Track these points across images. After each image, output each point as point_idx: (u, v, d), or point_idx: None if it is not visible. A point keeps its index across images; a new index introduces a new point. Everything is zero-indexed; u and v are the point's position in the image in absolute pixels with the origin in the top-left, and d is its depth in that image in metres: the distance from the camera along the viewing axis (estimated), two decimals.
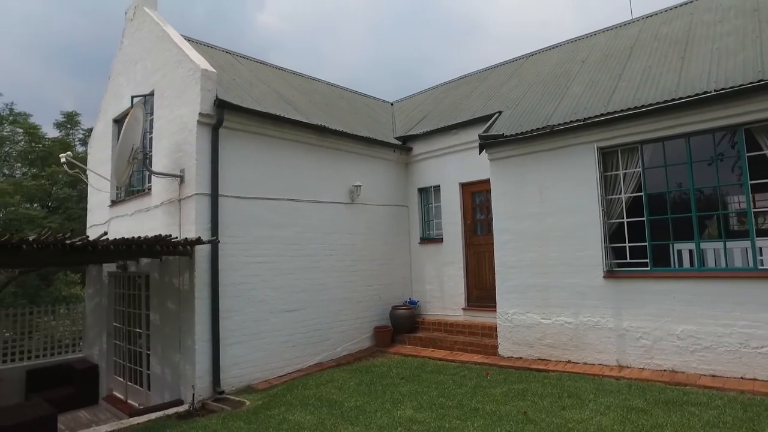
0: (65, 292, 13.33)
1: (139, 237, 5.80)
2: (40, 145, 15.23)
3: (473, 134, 9.01)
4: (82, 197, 14.52)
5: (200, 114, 6.96)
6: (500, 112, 8.97)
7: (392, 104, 13.79)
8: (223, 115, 7.14)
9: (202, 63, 7.27)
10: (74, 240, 5.35)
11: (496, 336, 8.07)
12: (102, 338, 9.73)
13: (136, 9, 9.51)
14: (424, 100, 12.74)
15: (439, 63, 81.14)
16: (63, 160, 7.74)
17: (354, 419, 5.42)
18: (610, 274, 6.91)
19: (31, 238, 5.00)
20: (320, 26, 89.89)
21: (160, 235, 5.97)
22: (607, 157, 7.20)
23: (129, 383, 8.89)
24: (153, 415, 6.42)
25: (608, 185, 7.17)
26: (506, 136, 7.82)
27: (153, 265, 7.78)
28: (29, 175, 14.30)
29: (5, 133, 15.57)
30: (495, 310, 8.17)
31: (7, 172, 15.03)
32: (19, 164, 15.66)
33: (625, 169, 7.07)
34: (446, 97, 12.06)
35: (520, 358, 7.65)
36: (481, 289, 9.23)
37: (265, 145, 7.87)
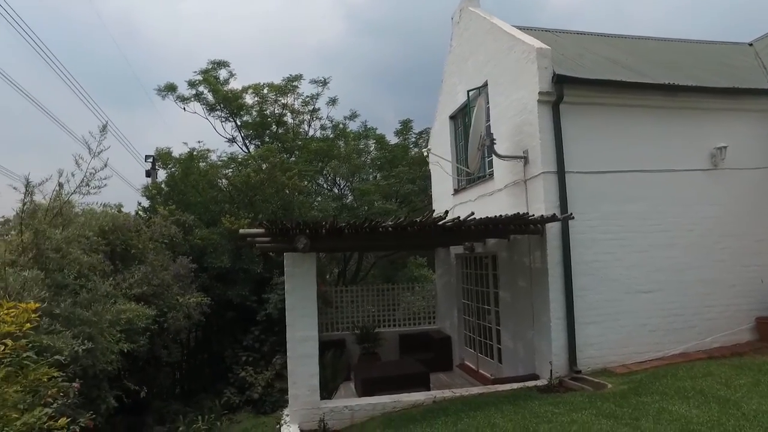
0: (416, 273, 15.65)
1: (499, 216, 6.18)
2: (386, 152, 18.21)
3: None
4: (421, 191, 16.68)
5: (540, 93, 6.99)
6: None
7: (751, 45, 11.16)
8: (562, 91, 6.99)
9: (536, 43, 7.29)
10: (447, 221, 6.06)
11: None
12: (452, 313, 10.91)
13: (462, 12, 10.27)
14: None
15: None
16: (425, 153, 9.00)
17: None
18: None
19: (418, 220, 5.88)
20: None
21: (518, 213, 6.23)
22: None
23: (480, 355, 9.69)
24: (514, 385, 6.78)
25: None
26: None
27: (500, 245, 8.24)
28: (381, 177, 17.25)
29: (360, 146, 19.13)
30: None
31: (365, 177, 18.44)
32: (370, 170, 19.07)
33: None
34: None
35: None
36: None
37: (607, 116, 7.38)
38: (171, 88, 17.81)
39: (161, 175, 14.30)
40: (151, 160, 14.97)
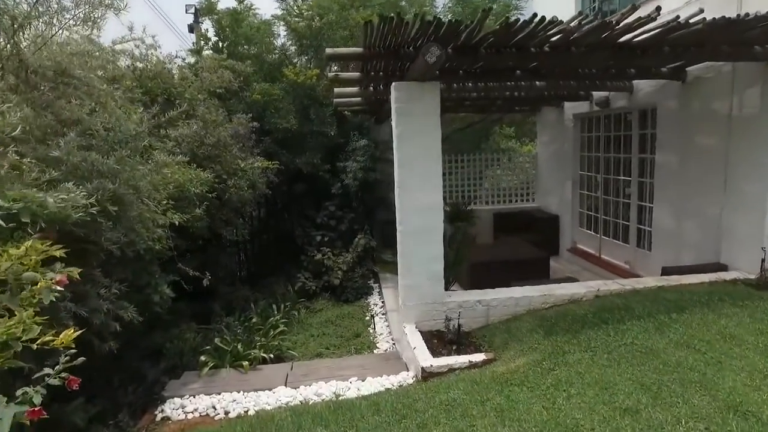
0: (503, 145, 13.50)
1: (744, 15, 3.82)
2: None
3: None
4: None
5: None
6: None
7: None
8: None
9: None
10: (655, 27, 3.80)
11: None
12: (564, 188, 8.90)
13: None
14: None
15: None
16: None
17: None
18: None
19: (611, 20, 3.63)
20: None
21: None
22: None
23: (604, 237, 7.82)
24: (703, 278, 4.91)
25: None
26: None
27: (664, 93, 5.92)
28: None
29: None
30: None
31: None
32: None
33: None
34: None
35: None
36: None
37: None
38: None
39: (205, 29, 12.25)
40: (192, 11, 12.80)
